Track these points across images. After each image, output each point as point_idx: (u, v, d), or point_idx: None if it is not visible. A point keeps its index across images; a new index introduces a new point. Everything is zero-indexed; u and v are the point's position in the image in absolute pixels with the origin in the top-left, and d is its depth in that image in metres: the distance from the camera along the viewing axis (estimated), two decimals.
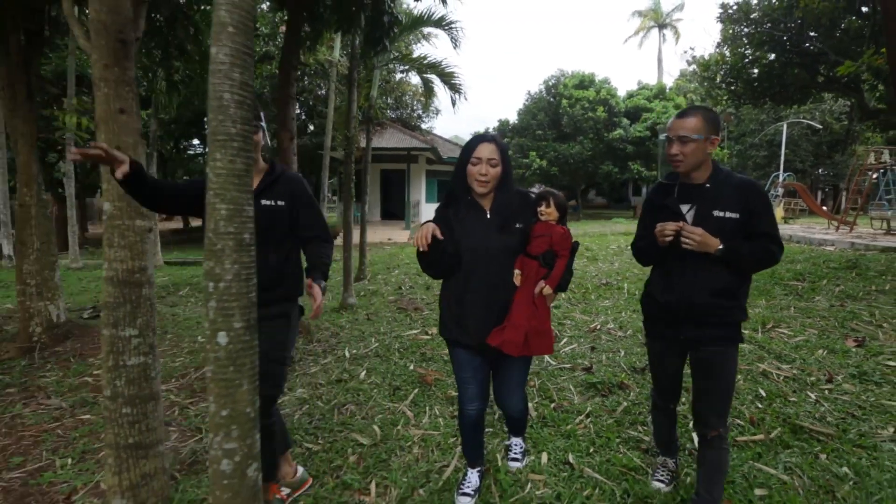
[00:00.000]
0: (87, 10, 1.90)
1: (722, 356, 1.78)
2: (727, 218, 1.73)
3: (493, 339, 1.81)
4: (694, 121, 1.75)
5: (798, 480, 2.05)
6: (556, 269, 1.85)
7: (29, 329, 4.51)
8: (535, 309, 1.81)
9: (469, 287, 1.83)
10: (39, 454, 2.62)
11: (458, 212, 1.87)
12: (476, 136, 1.88)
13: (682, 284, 1.78)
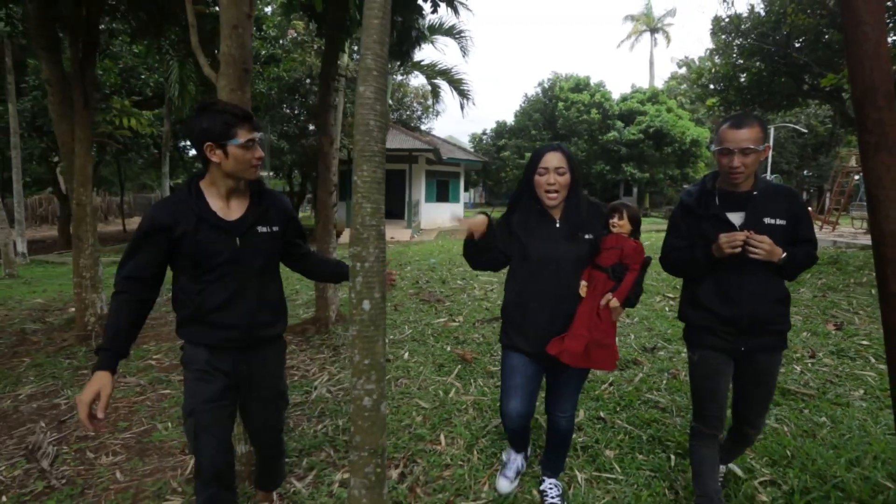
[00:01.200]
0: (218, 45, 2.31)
1: (774, 364, 1.81)
2: (777, 225, 1.72)
3: (553, 347, 1.78)
4: (754, 131, 1.70)
5: (787, 427, 2.54)
6: (625, 283, 1.79)
7: (84, 319, 4.88)
8: (598, 321, 1.76)
9: (534, 296, 1.81)
10: (140, 420, 3.02)
11: (524, 220, 1.86)
12: (542, 145, 1.89)
13: (746, 296, 1.74)
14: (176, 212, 1.57)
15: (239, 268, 1.64)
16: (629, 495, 2.06)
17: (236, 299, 1.65)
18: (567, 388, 1.93)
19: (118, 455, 2.61)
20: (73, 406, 3.23)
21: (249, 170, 1.64)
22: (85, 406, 1.42)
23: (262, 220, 1.70)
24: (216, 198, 1.66)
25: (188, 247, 1.58)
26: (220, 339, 1.66)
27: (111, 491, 2.27)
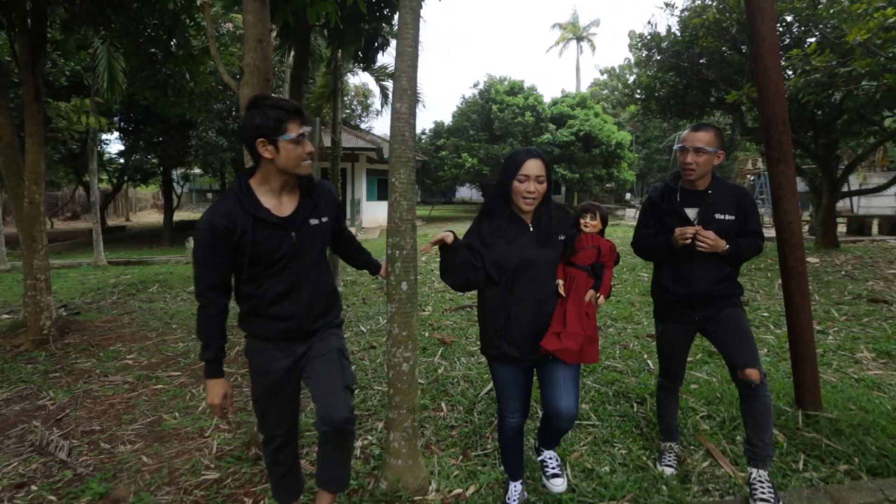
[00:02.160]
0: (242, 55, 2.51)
1: (735, 311, 2.07)
2: (726, 220, 2.00)
3: (550, 343, 1.78)
4: (709, 135, 1.98)
5: (715, 378, 3.19)
6: (606, 279, 1.91)
7: (40, 322, 4.66)
8: (587, 319, 1.83)
9: (514, 301, 1.81)
10: (143, 413, 3.10)
11: (497, 226, 1.85)
12: (520, 151, 1.85)
13: (692, 278, 2.05)
14: (231, 215, 1.57)
15: (296, 261, 1.67)
16: (606, 434, 2.57)
17: (294, 292, 1.69)
18: (566, 378, 1.83)
19: (135, 443, 2.72)
20: (64, 405, 3.23)
21: (301, 165, 1.63)
22: (219, 408, 1.68)
23: (313, 212, 1.71)
24: (268, 195, 1.66)
25: (247, 247, 1.60)
26: (279, 330, 1.70)
27: (144, 472, 2.41)
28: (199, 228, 1.61)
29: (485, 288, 1.89)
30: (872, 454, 2.23)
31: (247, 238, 1.58)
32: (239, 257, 1.62)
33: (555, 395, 1.82)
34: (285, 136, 1.55)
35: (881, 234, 10.96)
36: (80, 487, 2.28)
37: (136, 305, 6.37)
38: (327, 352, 1.76)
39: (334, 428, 1.66)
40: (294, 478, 1.92)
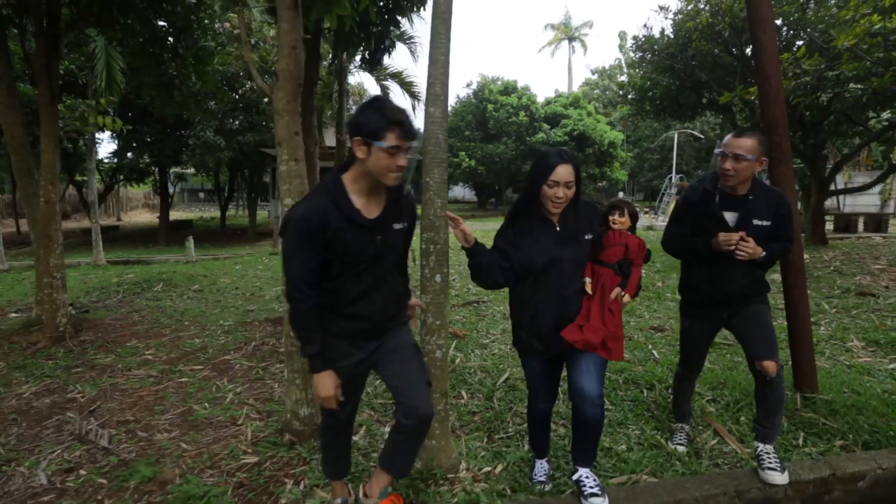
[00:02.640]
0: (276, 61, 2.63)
1: (760, 307, 2.15)
2: (763, 226, 2.04)
3: (571, 334, 1.84)
4: (751, 142, 1.97)
5: (717, 366, 3.39)
6: (633, 277, 1.92)
7: (56, 320, 4.74)
8: (610, 315, 1.85)
9: (539, 299, 1.89)
10: (173, 404, 3.22)
11: (525, 226, 1.92)
12: (551, 153, 1.87)
13: (725, 280, 2.11)
14: (324, 210, 1.60)
15: (377, 264, 1.72)
16: (620, 417, 2.74)
17: (372, 293, 1.73)
18: (591, 365, 1.86)
19: (171, 432, 2.84)
20: (93, 398, 3.33)
21: (388, 175, 1.61)
22: (333, 399, 1.70)
23: (396, 216, 1.75)
24: (358, 194, 1.67)
25: (337, 245, 1.62)
26: (353, 329, 1.74)
27: (185, 457, 2.54)
28: (292, 223, 1.60)
29: (515, 286, 1.98)
30: (865, 431, 2.44)
31: (338, 236, 1.60)
32: (327, 254, 1.63)
33: (578, 377, 1.86)
34: (379, 143, 1.54)
35: (866, 231, 11.34)
36: (127, 471, 2.40)
37: (143, 304, 6.44)
38: (404, 347, 1.82)
39: (419, 422, 1.72)
40: (345, 459, 2.04)
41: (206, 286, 7.63)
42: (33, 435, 2.83)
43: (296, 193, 2.68)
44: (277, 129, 2.67)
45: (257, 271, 9.11)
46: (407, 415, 1.71)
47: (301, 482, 2.30)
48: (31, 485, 2.33)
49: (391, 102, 1.66)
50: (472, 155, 22.94)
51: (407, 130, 1.59)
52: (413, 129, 1.61)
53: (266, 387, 3.47)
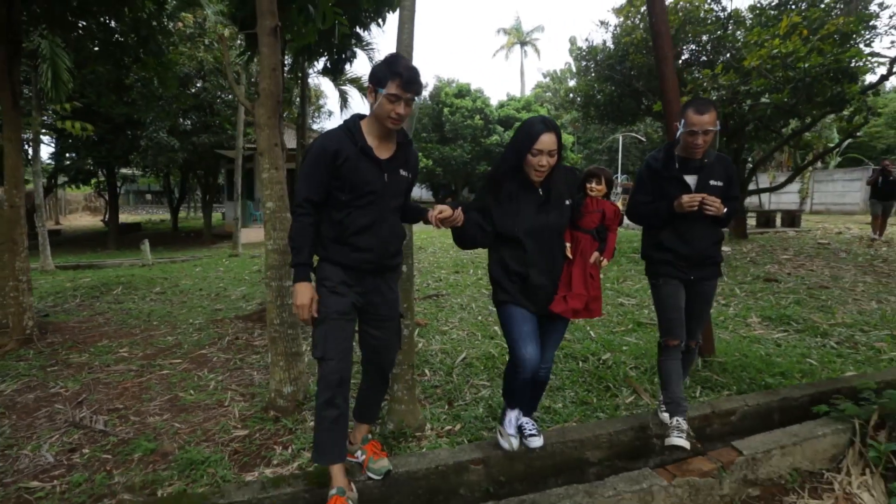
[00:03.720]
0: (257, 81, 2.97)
1: (712, 288, 2.39)
2: (718, 186, 2.23)
3: (557, 306, 1.96)
4: (712, 115, 2.12)
5: (641, 342, 4.01)
6: (610, 242, 2.05)
7: (23, 323, 4.79)
8: (591, 280, 1.98)
9: (533, 262, 1.99)
10: (159, 392, 3.47)
11: (507, 190, 1.99)
12: (535, 121, 1.93)
13: (695, 238, 2.28)
14: (339, 140, 1.84)
15: (381, 200, 1.89)
16: (559, 384, 3.28)
17: (375, 227, 1.89)
18: (550, 341, 2.13)
19: (163, 415, 3.12)
20: (78, 392, 3.52)
21: (387, 120, 1.82)
22: (306, 308, 1.85)
23: (403, 164, 1.95)
24: (371, 136, 1.89)
25: (348, 172, 1.82)
26: (356, 260, 1.89)
27: (181, 434, 2.85)
28: (311, 148, 1.85)
29: (501, 245, 2.05)
30: (745, 383, 3.08)
31: (350, 164, 1.81)
32: (337, 182, 1.83)
33: (545, 348, 2.10)
34: (381, 90, 1.77)
35: (783, 226, 12.69)
36: (129, 447, 2.69)
37: (104, 307, 6.46)
38: (389, 317, 2.05)
39: (370, 382, 2.14)
40: (344, 426, 1.94)
41: (168, 288, 7.66)
42: (26, 425, 3.03)
43: (276, 197, 3.03)
44: (259, 140, 3.01)
45: (219, 273, 9.15)
46: (380, 373, 2.12)
47: (289, 447, 2.67)
48: (38, 463, 2.57)
49: (403, 59, 1.87)
50: (429, 156, 23.41)
51: (406, 82, 1.77)
52: (413, 82, 1.79)
53: (245, 375, 3.78)
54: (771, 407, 2.59)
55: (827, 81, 6.46)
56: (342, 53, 6.09)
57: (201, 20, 13.16)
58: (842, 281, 6.17)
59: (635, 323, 4.51)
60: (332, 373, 1.88)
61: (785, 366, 3.30)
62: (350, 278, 1.92)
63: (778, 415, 2.57)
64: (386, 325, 2.05)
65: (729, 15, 9.61)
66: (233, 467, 2.49)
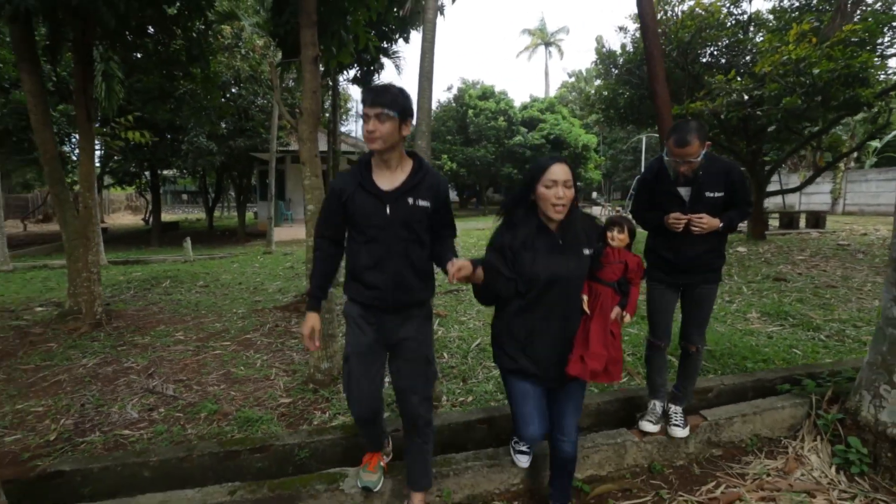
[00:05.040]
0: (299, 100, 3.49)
1: (709, 292, 2.34)
2: (715, 197, 2.19)
3: (574, 368, 1.75)
4: (694, 146, 2.09)
5: (642, 333, 4.36)
6: (633, 296, 1.87)
7: (94, 309, 5.48)
8: (611, 339, 1.78)
9: (540, 316, 1.77)
10: (216, 367, 4.04)
11: (527, 237, 1.79)
12: (542, 158, 1.83)
13: (684, 248, 2.27)
14: (346, 179, 1.84)
15: (386, 234, 1.78)
16: None
17: (383, 262, 1.79)
18: (569, 408, 1.88)
19: (220, 385, 3.67)
20: (147, 366, 4.13)
21: (367, 142, 1.75)
22: (306, 338, 1.86)
23: (413, 192, 1.79)
24: (379, 167, 1.83)
25: (349, 208, 1.81)
26: (368, 297, 1.82)
27: (236, 400, 3.39)
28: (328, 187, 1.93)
29: (507, 302, 1.85)
30: (729, 368, 3.42)
31: (351, 200, 1.80)
32: (347, 219, 1.85)
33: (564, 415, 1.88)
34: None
35: (807, 227, 12.61)
36: (196, 409, 3.24)
37: (156, 298, 7.17)
38: (415, 360, 1.89)
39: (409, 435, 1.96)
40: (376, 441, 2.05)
41: (211, 282, 8.36)
42: (110, 390, 3.64)
43: (316, 200, 3.54)
44: (302, 152, 3.53)
45: (255, 269, 9.84)
46: (408, 421, 1.94)
47: (327, 412, 3.17)
48: (125, 418, 3.15)
49: (382, 84, 1.83)
50: (454, 158, 23.90)
51: (368, 99, 1.73)
52: (376, 94, 1.71)
53: (286, 355, 4.32)
54: (745, 387, 2.94)
55: (839, 86, 6.61)
56: (371, 66, 6.62)
57: (238, 31, 14.00)
58: (851, 281, 6.33)
59: (639, 316, 4.86)
60: (354, 414, 1.93)
61: (769, 354, 3.62)
62: (369, 315, 1.86)
63: (752, 393, 2.91)
64: (409, 366, 1.90)
65: (749, 18, 9.75)
66: (281, 425, 3.01)
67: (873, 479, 2.17)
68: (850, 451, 2.25)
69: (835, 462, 2.28)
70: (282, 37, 4.29)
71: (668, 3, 9.38)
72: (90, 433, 2.97)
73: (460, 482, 2.16)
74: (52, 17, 5.09)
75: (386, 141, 1.74)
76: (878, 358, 2.29)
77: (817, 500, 2.09)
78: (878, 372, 2.27)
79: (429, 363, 1.94)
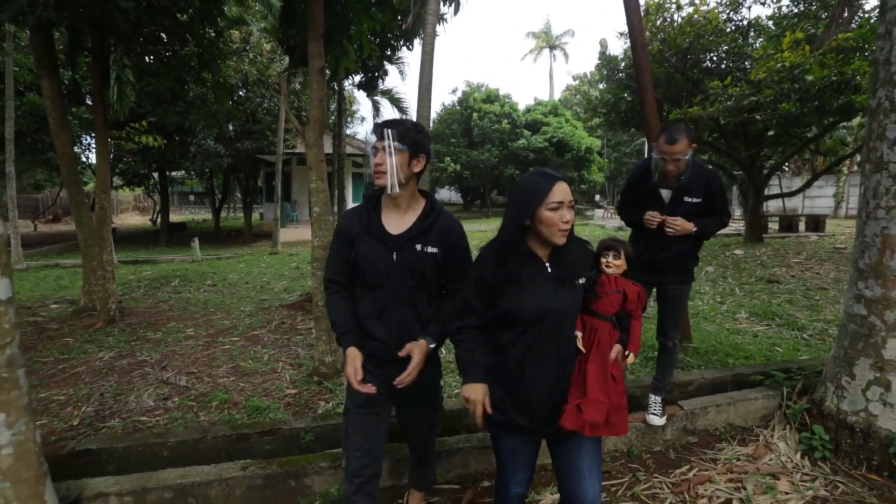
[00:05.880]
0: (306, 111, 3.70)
1: (681, 292, 2.49)
2: (693, 202, 2.29)
3: (569, 421, 1.49)
4: (683, 144, 2.17)
5: None
6: (634, 332, 1.63)
7: (108, 306, 5.72)
8: (612, 382, 1.53)
9: (533, 358, 1.52)
10: (225, 361, 4.25)
11: (511, 267, 1.51)
12: (537, 173, 1.52)
13: (657, 248, 2.38)
14: (354, 219, 1.70)
15: (390, 282, 1.64)
16: None
17: (387, 312, 1.66)
18: (582, 464, 1.56)
19: (229, 377, 3.89)
20: (160, 360, 4.34)
21: (375, 176, 1.64)
22: (351, 377, 1.62)
23: (421, 237, 1.64)
24: (389, 207, 1.70)
25: (356, 253, 1.68)
26: (371, 348, 1.69)
27: (245, 390, 3.60)
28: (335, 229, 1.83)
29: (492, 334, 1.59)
30: (713, 364, 3.59)
31: (358, 242, 1.68)
32: (353, 262, 1.70)
33: (577, 480, 1.56)
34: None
35: (806, 231, 12.72)
36: (207, 398, 3.45)
37: (166, 296, 7.41)
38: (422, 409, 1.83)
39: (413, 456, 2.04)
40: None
41: (218, 282, 8.60)
42: (126, 381, 3.85)
43: (322, 203, 3.75)
44: (308, 157, 3.74)
45: (261, 268, 10.08)
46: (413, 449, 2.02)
47: (330, 402, 3.38)
48: (142, 406, 3.37)
49: (395, 118, 1.78)
50: (458, 160, 24.13)
51: (377, 131, 1.64)
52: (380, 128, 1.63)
53: (292, 350, 4.53)
54: (725, 380, 3.11)
55: (832, 92, 6.76)
56: (375, 72, 6.83)
57: (246, 35, 14.30)
58: (842, 283, 6.47)
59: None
60: (351, 472, 1.74)
61: (752, 351, 3.79)
62: (373, 366, 1.71)
63: (731, 387, 3.08)
64: (414, 412, 1.85)
65: (749, 24, 9.90)
66: (287, 413, 3.21)
67: (834, 463, 2.35)
68: (815, 438, 2.42)
69: (800, 448, 2.45)
70: (291, 46, 4.51)
71: (668, 10, 9.56)
72: (110, 419, 3.19)
73: (452, 462, 2.35)
74: (71, 26, 5.35)
75: (393, 177, 1.59)
76: (840, 352, 2.46)
77: (781, 481, 2.26)
78: (840, 365, 2.45)
79: (435, 410, 1.88)
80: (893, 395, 2.23)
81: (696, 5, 9.55)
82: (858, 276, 2.38)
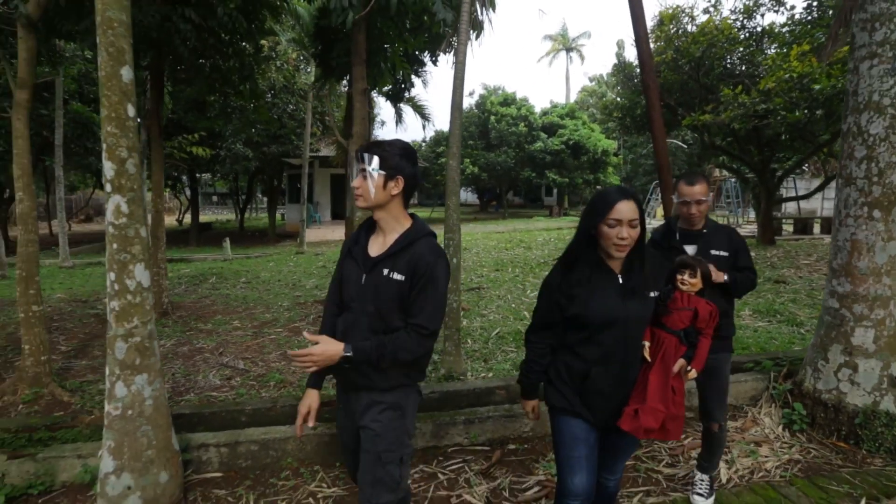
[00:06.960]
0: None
1: (719, 362, 2.17)
2: (721, 255, 2.18)
3: (626, 423, 1.60)
4: (704, 186, 2.15)
5: None
6: (701, 349, 1.70)
7: (161, 300, 6.31)
8: (672, 394, 1.60)
9: (598, 361, 1.62)
10: (272, 349, 4.78)
11: (586, 276, 1.63)
12: (610, 190, 1.61)
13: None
14: (352, 236, 1.72)
15: (356, 303, 1.61)
16: None
17: (348, 335, 1.59)
18: (619, 453, 1.79)
19: (280, 362, 4.41)
20: (216, 347, 4.89)
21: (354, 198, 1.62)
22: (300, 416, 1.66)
23: (388, 261, 1.58)
24: (376, 230, 1.67)
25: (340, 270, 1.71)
26: (339, 370, 1.62)
27: (296, 373, 4.10)
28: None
29: (564, 335, 1.71)
30: None
31: (343, 261, 1.71)
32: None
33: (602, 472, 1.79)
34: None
35: (822, 233, 12.86)
36: (265, 378, 3.97)
37: (206, 292, 8.01)
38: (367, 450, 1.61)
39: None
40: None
41: (252, 279, 9.18)
42: (191, 364, 4.40)
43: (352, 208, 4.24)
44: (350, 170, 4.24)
45: (290, 267, 10.66)
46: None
47: None
48: (210, 384, 3.90)
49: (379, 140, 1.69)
50: (476, 162, 24.58)
51: (358, 154, 1.61)
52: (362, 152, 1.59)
53: None
54: None
55: (838, 102, 7.02)
56: (402, 84, 7.33)
57: (273, 45, 14.96)
58: None
59: None
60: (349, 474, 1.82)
61: (750, 344, 4.17)
62: (340, 391, 1.71)
63: None
64: (363, 458, 1.63)
65: (763, 31, 10.15)
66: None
67: (809, 433, 2.74)
68: (794, 413, 2.82)
69: (782, 422, 2.85)
70: (332, 66, 5.01)
71: (681, 21, 9.87)
72: (185, 394, 3.73)
73: (483, 428, 2.81)
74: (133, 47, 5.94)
75: (367, 200, 1.57)
76: (818, 340, 2.86)
77: (762, 448, 2.67)
78: (817, 351, 2.84)
79: (380, 464, 1.59)
80: (860, 376, 2.62)
81: (709, 14, 9.85)
82: (832, 274, 2.77)
